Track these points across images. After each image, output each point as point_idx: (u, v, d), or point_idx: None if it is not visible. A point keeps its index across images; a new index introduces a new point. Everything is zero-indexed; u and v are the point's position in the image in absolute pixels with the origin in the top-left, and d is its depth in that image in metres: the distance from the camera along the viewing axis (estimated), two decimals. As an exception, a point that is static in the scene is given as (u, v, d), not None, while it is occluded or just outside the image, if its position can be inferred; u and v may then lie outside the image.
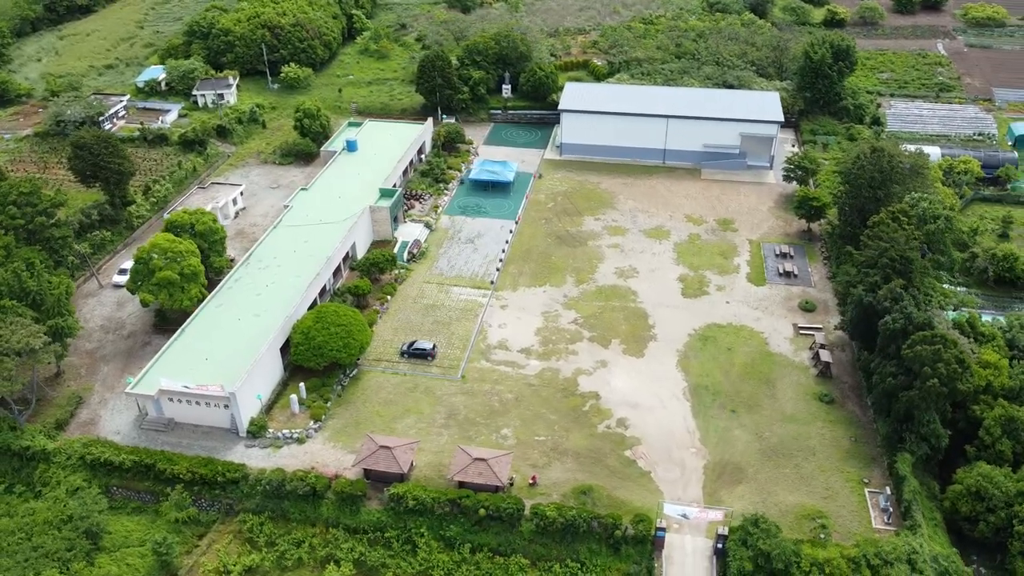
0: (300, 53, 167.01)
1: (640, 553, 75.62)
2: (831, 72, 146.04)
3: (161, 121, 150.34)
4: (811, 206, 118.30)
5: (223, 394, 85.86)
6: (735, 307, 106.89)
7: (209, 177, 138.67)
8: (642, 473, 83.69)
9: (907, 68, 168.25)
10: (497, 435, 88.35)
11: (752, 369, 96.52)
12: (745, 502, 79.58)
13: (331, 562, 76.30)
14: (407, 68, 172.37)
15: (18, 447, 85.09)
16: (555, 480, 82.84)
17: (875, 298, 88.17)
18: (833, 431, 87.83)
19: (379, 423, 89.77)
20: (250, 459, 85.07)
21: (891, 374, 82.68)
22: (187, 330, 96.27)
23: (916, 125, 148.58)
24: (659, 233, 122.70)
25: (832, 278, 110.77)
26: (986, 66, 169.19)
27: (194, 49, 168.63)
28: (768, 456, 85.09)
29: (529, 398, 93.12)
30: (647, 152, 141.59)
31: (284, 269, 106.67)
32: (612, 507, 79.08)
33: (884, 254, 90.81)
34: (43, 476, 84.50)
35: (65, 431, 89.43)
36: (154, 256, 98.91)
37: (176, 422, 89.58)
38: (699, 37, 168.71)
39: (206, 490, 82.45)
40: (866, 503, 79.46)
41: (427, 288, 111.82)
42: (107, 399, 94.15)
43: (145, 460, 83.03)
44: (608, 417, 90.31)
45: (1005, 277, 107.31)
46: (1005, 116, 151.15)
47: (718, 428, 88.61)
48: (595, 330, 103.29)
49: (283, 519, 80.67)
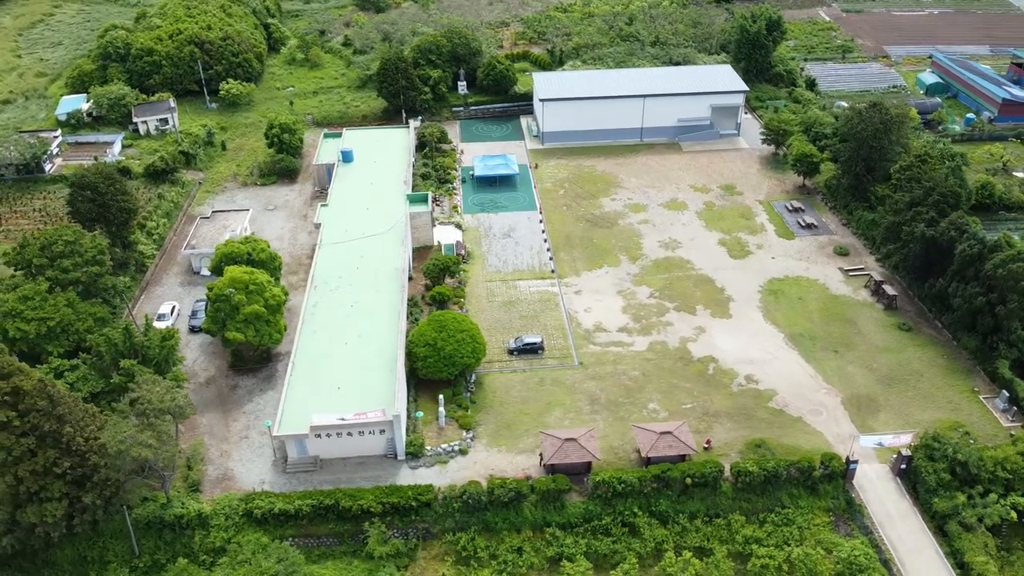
0: (236, 68, 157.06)
1: (835, 488, 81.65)
2: (767, 42, 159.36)
3: (108, 154, 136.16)
4: (809, 162, 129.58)
5: (386, 419, 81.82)
6: (781, 261, 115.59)
7: (190, 207, 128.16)
8: (794, 419, 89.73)
9: (807, 35, 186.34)
10: (646, 410, 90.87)
11: (829, 312, 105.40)
12: (898, 424, 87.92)
13: (561, 560, 75.74)
14: (347, 75, 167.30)
15: (171, 517, 76.33)
16: (724, 440, 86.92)
17: (936, 231, 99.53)
18: (925, 353, 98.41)
19: (529, 421, 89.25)
20: (427, 479, 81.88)
21: (976, 294, 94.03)
22: (296, 363, 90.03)
23: (839, 84, 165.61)
24: (676, 205, 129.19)
25: (847, 224, 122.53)
26: (867, 28, 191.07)
27: (111, 73, 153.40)
28: (887, 384, 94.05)
29: (654, 372, 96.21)
30: (626, 132, 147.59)
31: (357, 287, 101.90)
32: (787, 453, 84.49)
33: (933, 191, 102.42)
34: (204, 543, 76.48)
35: (202, 492, 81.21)
36: (234, 291, 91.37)
37: (322, 459, 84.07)
38: (631, 21, 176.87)
39: (397, 519, 78.49)
40: (986, 408, 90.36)
41: (493, 286, 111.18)
42: (227, 451, 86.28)
43: (325, 502, 77.47)
44: (735, 376, 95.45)
45: (984, 204, 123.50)
46: (904, 69, 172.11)
47: (832, 368, 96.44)
48: (675, 300, 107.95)
49: (487, 531, 78.74)
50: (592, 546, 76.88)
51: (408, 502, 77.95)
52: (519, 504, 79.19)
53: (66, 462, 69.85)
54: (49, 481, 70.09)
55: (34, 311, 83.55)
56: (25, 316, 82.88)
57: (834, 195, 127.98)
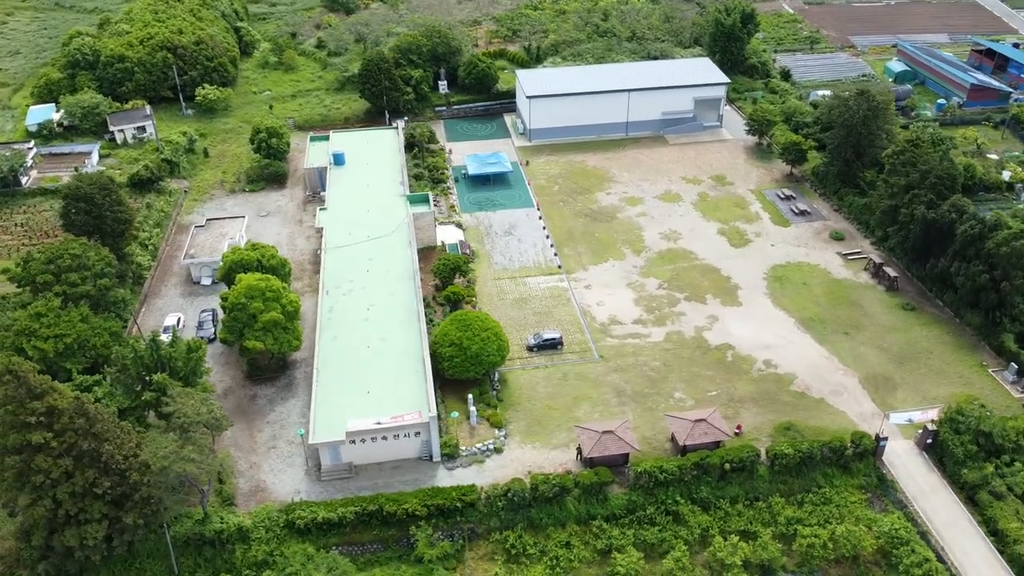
0: (212, 73, 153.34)
1: (867, 466, 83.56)
2: (742, 35, 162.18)
3: (88, 165, 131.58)
4: (797, 151, 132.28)
5: (422, 421, 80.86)
6: (780, 248, 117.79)
7: (179, 216, 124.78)
8: (817, 400, 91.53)
9: (774, 27, 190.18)
10: (672, 399, 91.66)
11: (834, 296, 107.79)
12: (916, 400, 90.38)
13: (611, 552, 75.90)
14: (324, 77, 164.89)
15: (211, 533, 74.12)
16: (752, 424, 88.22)
17: (937, 213, 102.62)
18: (931, 331, 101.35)
19: (559, 416, 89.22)
20: (465, 479, 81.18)
21: (979, 272, 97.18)
22: (320, 369, 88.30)
23: (812, 74, 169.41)
24: (671, 197, 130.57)
25: (839, 210, 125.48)
26: (830, 19, 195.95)
27: (81, 81, 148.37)
28: (899, 362, 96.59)
29: (674, 362, 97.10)
30: (611, 127, 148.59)
31: (370, 290, 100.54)
32: (816, 434, 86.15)
33: (930, 174, 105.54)
34: (246, 558, 74.45)
35: (236, 505, 79.09)
36: (252, 299, 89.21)
37: (356, 465, 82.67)
38: (606, 17, 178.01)
39: (441, 520, 77.62)
40: (996, 381, 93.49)
41: (502, 284, 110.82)
42: (256, 462, 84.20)
43: (369, 507, 76.18)
44: (753, 362, 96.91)
45: (966, 185, 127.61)
46: (871, 59, 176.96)
47: (846, 349, 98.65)
48: (684, 290, 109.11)
49: (531, 528, 78.43)
50: (640, 536, 77.23)
51: (452, 503, 77.19)
52: (562, 499, 79.11)
53: (106, 482, 67.29)
54: (88, 502, 67.43)
55: (49, 328, 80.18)
56: (41, 334, 79.45)
57: (823, 182, 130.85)
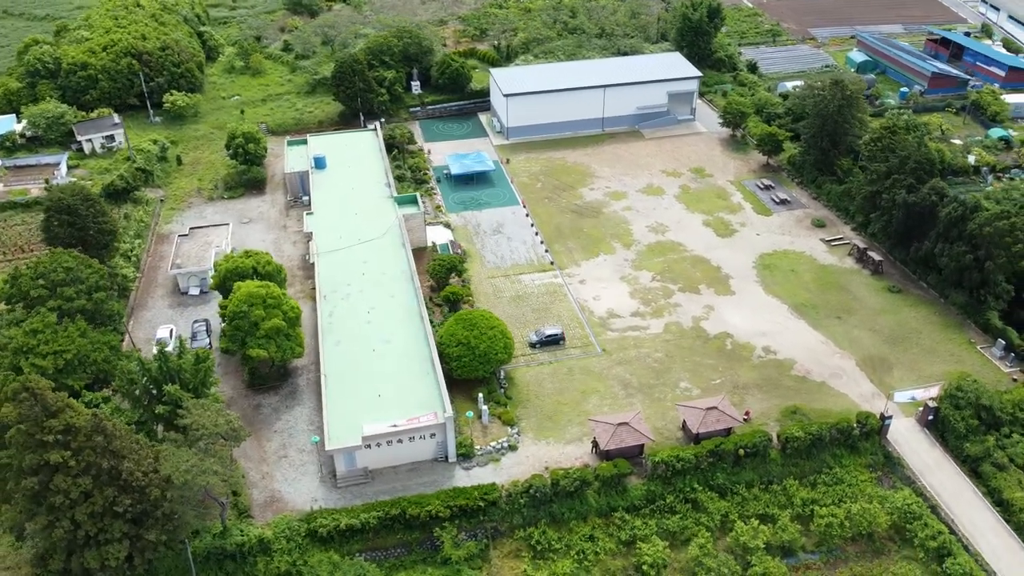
0: (179, 79, 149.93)
1: (873, 445, 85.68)
2: (709, 29, 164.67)
3: (57, 176, 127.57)
4: (773, 141, 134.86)
5: (439, 422, 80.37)
6: (766, 237, 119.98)
7: (157, 226, 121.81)
8: (818, 384, 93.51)
9: (736, 21, 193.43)
10: (678, 389, 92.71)
11: (822, 281, 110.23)
12: (912, 379, 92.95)
13: (635, 542, 76.47)
14: (294, 81, 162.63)
15: (232, 546, 72.53)
16: (759, 409, 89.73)
17: (918, 197, 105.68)
18: (918, 312, 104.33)
19: (569, 411, 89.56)
20: (483, 479, 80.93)
21: (963, 252, 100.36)
22: (328, 375, 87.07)
23: (777, 66, 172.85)
24: (654, 190, 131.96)
25: (818, 198, 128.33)
26: (789, 12, 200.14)
27: (42, 91, 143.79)
28: (893, 343, 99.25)
29: (676, 352, 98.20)
30: (587, 123, 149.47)
31: (369, 293, 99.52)
32: (821, 417, 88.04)
33: (909, 159, 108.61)
34: (268, 569, 73.07)
35: (252, 517, 77.55)
36: (253, 307, 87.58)
37: (371, 470, 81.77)
38: (574, 14, 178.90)
39: (463, 521, 77.25)
40: (985, 357, 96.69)
41: (496, 282, 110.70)
42: (268, 472, 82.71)
43: (392, 512, 75.44)
44: (753, 349, 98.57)
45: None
46: (832, 50, 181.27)
47: (840, 333, 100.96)
48: (677, 281, 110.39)
49: (554, 523, 78.58)
50: (662, 525, 77.99)
51: (475, 503, 76.92)
52: (583, 492, 79.45)
53: (126, 499, 65.32)
54: (108, 522, 65.41)
55: (47, 345, 77.48)
56: (40, 351, 76.72)
57: (800, 171, 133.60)
